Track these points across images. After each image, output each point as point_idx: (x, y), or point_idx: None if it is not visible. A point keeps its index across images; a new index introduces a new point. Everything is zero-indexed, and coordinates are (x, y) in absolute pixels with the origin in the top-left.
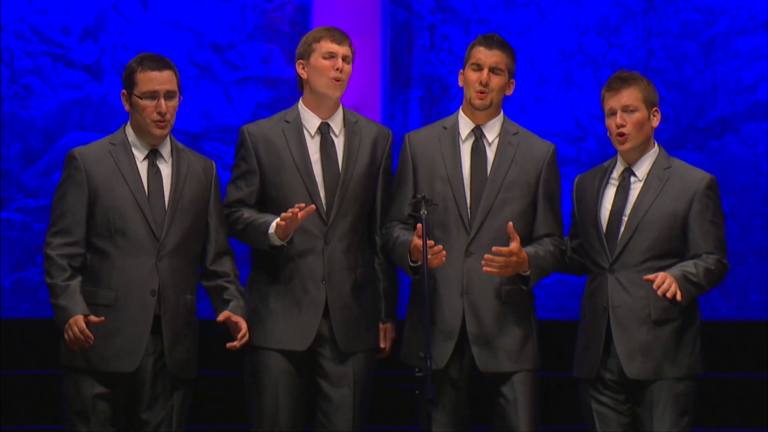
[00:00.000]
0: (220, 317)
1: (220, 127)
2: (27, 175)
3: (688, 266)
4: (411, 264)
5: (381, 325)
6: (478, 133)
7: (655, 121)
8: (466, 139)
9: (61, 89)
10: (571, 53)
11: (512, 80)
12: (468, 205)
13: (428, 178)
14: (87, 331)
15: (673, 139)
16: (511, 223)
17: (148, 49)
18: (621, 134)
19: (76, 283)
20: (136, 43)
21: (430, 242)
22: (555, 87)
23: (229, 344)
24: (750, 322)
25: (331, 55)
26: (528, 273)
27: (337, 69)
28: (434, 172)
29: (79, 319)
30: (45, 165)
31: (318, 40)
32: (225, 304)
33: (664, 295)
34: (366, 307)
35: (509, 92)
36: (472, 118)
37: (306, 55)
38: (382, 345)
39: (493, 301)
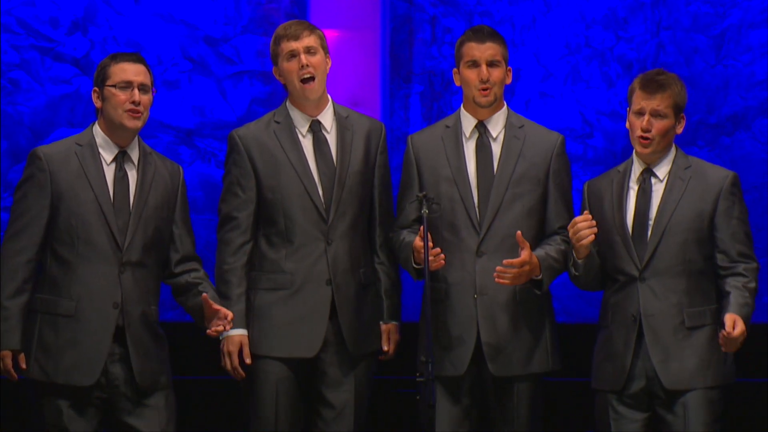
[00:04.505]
0: (204, 296)
1: (214, 123)
2: (14, 173)
3: (742, 297)
4: (415, 266)
5: (383, 326)
6: (481, 129)
7: (680, 128)
8: (470, 136)
9: (49, 84)
10: (578, 47)
11: (509, 68)
12: (476, 204)
13: (433, 180)
14: (12, 372)
15: (683, 135)
16: (519, 232)
17: (140, 43)
18: (645, 138)
19: (19, 302)
20: (127, 37)
21: (430, 245)
22: (561, 82)
23: (210, 331)
24: (763, 324)
25: (293, 55)
26: (540, 277)
27: (302, 66)
28: (439, 173)
29: (8, 357)
30: None
31: (278, 43)
32: (201, 290)
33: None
34: (370, 308)
35: (509, 81)
36: (474, 114)
37: (275, 61)
38: (384, 347)
39: (509, 300)
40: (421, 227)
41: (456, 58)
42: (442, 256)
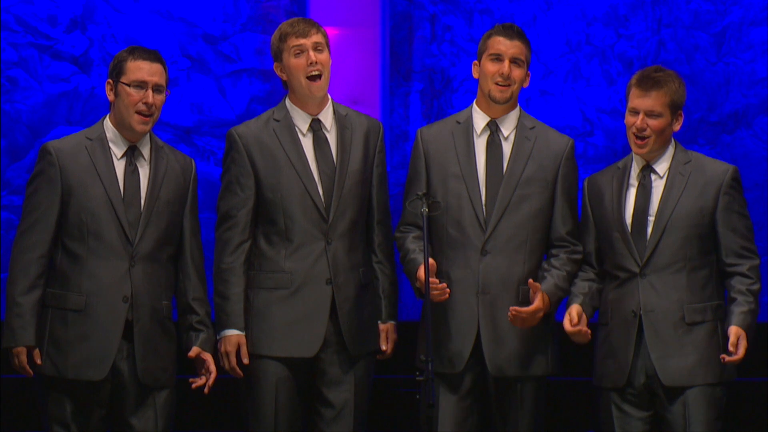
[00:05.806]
0: (192, 353)
1: (212, 121)
2: (12, 171)
3: (747, 304)
4: (417, 285)
5: (381, 326)
6: (493, 127)
7: (677, 126)
8: (481, 133)
9: (47, 82)
10: (578, 44)
11: (528, 72)
12: (483, 202)
13: (441, 176)
14: (28, 368)
15: (684, 133)
16: (531, 280)
17: (138, 41)
18: (640, 137)
19: (32, 298)
20: (125, 34)
21: (435, 280)
22: (561, 80)
23: (195, 384)
24: (765, 324)
25: (301, 51)
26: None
27: (311, 63)
28: (447, 169)
29: (23, 353)
30: (30, 161)
31: (284, 39)
32: (195, 333)
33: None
34: (369, 307)
35: (526, 84)
36: (487, 111)
37: (278, 57)
38: (383, 347)
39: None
40: (422, 267)
41: (479, 50)
42: (448, 291)
